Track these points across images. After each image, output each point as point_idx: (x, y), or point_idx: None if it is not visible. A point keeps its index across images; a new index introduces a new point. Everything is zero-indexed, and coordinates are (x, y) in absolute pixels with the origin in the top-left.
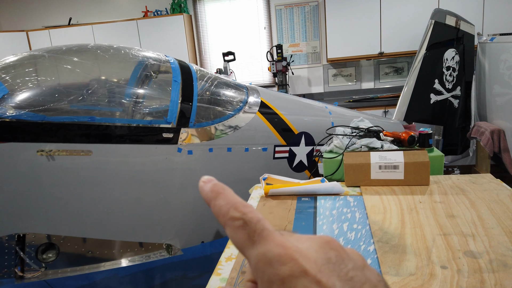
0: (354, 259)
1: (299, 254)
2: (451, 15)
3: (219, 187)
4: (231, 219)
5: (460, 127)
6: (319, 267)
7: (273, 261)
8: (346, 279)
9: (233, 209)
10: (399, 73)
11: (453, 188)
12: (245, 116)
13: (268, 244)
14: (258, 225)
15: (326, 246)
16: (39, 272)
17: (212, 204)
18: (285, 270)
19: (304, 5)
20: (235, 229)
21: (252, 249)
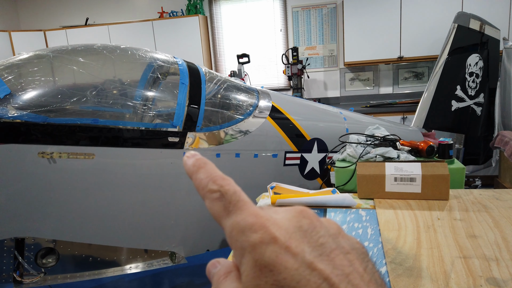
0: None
1: (270, 222)
2: (475, 19)
3: (201, 161)
4: (209, 191)
5: (483, 136)
6: (290, 234)
7: (245, 229)
8: (316, 245)
9: (212, 182)
10: (419, 78)
11: (475, 204)
12: (255, 121)
13: (242, 213)
14: (233, 197)
15: (299, 215)
16: (38, 278)
17: (194, 177)
18: (255, 237)
19: (322, 7)
20: (212, 201)
21: (227, 219)
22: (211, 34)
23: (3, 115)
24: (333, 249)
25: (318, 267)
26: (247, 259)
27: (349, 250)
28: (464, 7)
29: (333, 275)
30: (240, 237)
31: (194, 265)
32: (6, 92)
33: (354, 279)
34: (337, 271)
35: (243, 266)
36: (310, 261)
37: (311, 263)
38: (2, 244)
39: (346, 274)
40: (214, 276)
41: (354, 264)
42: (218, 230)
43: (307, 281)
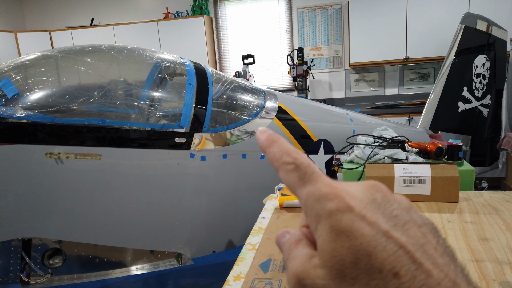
0: (400, 201)
1: (345, 193)
2: (482, 20)
3: (274, 136)
4: (284, 163)
5: (489, 137)
6: (364, 204)
7: (321, 198)
8: (391, 217)
9: (286, 155)
10: (424, 80)
11: (486, 206)
12: (262, 122)
13: (317, 184)
14: (308, 168)
15: (372, 188)
16: (44, 278)
17: (267, 151)
18: (331, 206)
19: (327, 8)
20: (287, 172)
21: (302, 189)
22: (216, 35)
23: (11, 115)
24: (406, 221)
25: (393, 236)
26: (323, 225)
27: (422, 224)
28: (470, 8)
29: (408, 243)
30: (316, 205)
31: (199, 266)
32: (14, 93)
33: (428, 249)
34: (412, 240)
35: (319, 232)
36: (385, 229)
37: (387, 231)
38: (10, 245)
39: (420, 244)
40: (285, 244)
41: (427, 237)
42: (224, 231)
43: (383, 247)
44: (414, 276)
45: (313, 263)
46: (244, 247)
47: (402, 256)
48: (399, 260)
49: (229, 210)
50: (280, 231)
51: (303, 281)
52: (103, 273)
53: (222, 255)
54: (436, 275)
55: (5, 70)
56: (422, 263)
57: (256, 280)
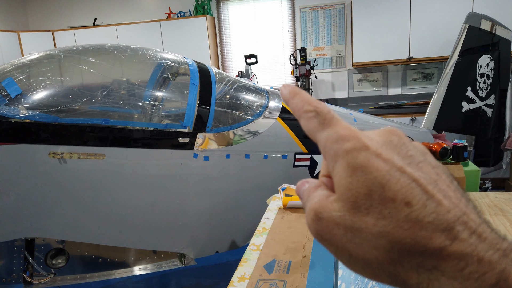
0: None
1: (362, 134)
2: (486, 19)
3: (296, 89)
4: (305, 111)
5: (493, 137)
6: (380, 145)
7: (339, 139)
8: (405, 156)
9: (307, 104)
10: (428, 79)
11: (491, 207)
12: (265, 122)
13: (336, 127)
14: (328, 115)
15: (389, 132)
16: (47, 278)
17: (290, 102)
18: (349, 145)
19: (330, 7)
20: (308, 119)
21: (322, 132)
22: (218, 35)
23: (14, 115)
24: (421, 161)
25: (407, 171)
26: (340, 163)
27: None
28: (474, 8)
29: (422, 178)
30: (334, 146)
31: (202, 266)
32: (17, 92)
33: (441, 184)
34: (426, 176)
35: (336, 170)
36: (400, 165)
37: (401, 167)
38: (13, 245)
39: (434, 180)
40: (305, 191)
41: (441, 176)
42: (228, 232)
43: (397, 180)
44: (425, 204)
45: (330, 199)
46: (248, 247)
47: (414, 188)
48: (411, 191)
49: (232, 210)
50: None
51: (320, 214)
52: (106, 273)
53: (225, 256)
54: (447, 205)
55: (8, 69)
56: (434, 194)
57: (261, 281)
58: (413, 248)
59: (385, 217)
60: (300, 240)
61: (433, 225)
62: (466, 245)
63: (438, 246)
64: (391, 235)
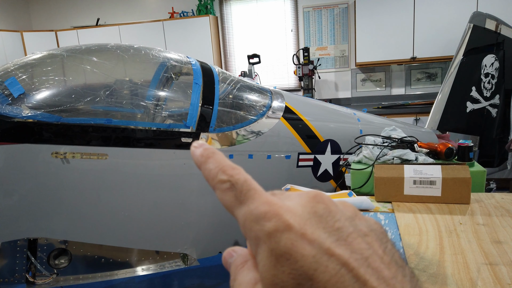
0: (343, 210)
1: (284, 209)
2: (491, 19)
3: (209, 151)
4: (219, 182)
5: (498, 138)
6: (305, 220)
7: (259, 218)
8: (333, 230)
9: (221, 172)
10: (432, 79)
11: (498, 208)
12: (268, 122)
13: (254, 202)
14: (244, 186)
15: (313, 200)
16: (50, 278)
17: (202, 168)
18: (269, 226)
19: (333, 7)
20: (223, 192)
21: (239, 209)
22: (221, 35)
23: (17, 114)
24: (350, 233)
25: (336, 253)
26: (263, 248)
27: (367, 232)
28: (479, 7)
29: (352, 259)
30: (254, 227)
31: (205, 267)
32: (20, 92)
33: (373, 262)
34: (356, 255)
35: (259, 256)
36: (327, 247)
37: (328, 248)
38: (15, 245)
39: (365, 257)
40: (232, 266)
41: (373, 247)
42: (231, 232)
43: (325, 267)
44: None
45: None
46: None
47: (345, 276)
48: (342, 280)
49: None
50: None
51: None
52: (109, 274)
53: None
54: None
55: (11, 69)
56: (367, 280)
57: None
58: None
59: None
60: None
61: None
62: None
63: None
64: None
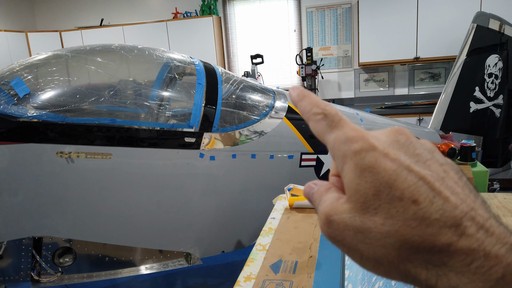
0: (424, 143)
1: (370, 135)
2: (495, 19)
3: (305, 92)
4: (314, 114)
5: (501, 138)
6: (388, 144)
7: (347, 140)
8: (413, 155)
9: (316, 107)
10: (435, 79)
11: (500, 208)
12: (271, 122)
13: (343, 129)
14: (336, 116)
15: (396, 132)
16: (55, 277)
17: (298, 104)
18: (356, 146)
19: (337, 7)
20: (317, 122)
21: (330, 134)
22: (224, 35)
23: (23, 114)
24: (428, 159)
25: (414, 169)
26: (349, 164)
27: (444, 163)
28: (482, 7)
29: (429, 176)
30: (342, 147)
31: (208, 266)
32: (25, 92)
33: (449, 181)
34: (433, 173)
35: (345, 171)
36: (407, 164)
37: (408, 165)
38: (21, 243)
39: (441, 177)
40: (315, 194)
41: (449, 173)
42: (233, 231)
43: (404, 178)
44: (432, 202)
45: (340, 201)
46: (254, 247)
47: (421, 186)
48: (418, 189)
49: (238, 210)
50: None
51: (331, 217)
52: (113, 272)
53: (231, 255)
54: (454, 201)
55: (16, 69)
56: (441, 191)
57: (267, 281)
58: (421, 245)
59: (393, 216)
60: (307, 240)
61: (440, 222)
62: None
63: (445, 243)
64: (399, 233)
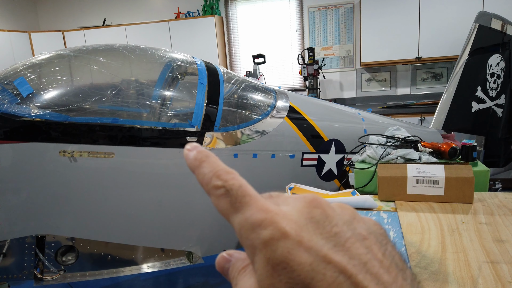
0: (341, 214)
1: (280, 216)
2: (497, 19)
3: (203, 154)
4: (213, 187)
5: (504, 138)
6: (301, 227)
7: (255, 226)
8: (330, 236)
9: (216, 177)
10: (437, 79)
11: (500, 208)
12: (273, 121)
13: (249, 210)
14: (239, 192)
15: (309, 205)
16: (57, 275)
17: (196, 172)
18: (266, 234)
19: (339, 7)
20: (218, 198)
21: (235, 216)
22: (226, 35)
23: (26, 113)
24: (348, 238)
25: (333, 260)
26: (259, 257)
27: (366, 236)
28: (485, 7)
29: (350, 265)
30: (250, 235)
31: (209, 265)
32: (29, 91)
33: (372, 267)
34: (354, 261)
35: (256, 265)
36: (324, 253)
37: (325, 255)
38: (24, 241)
39: (363, 263)
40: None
41: (372, 250)
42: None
43: (322, 275)
44: None
45: None
46: None
47: (343, 283)
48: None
49: None
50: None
51: None
52: (115, 271)
53: None
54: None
55: (20, 69)
56: (366, 286)
57: None
58: None
59: None
60: None
61: None
62: None
63: None
64: None
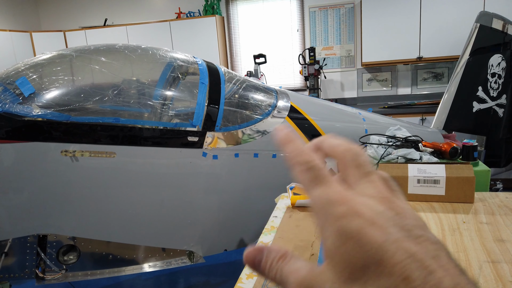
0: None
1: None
2: (498, 19)
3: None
4: (298, 163)
5: (505, 138)
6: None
7: (331, 202)
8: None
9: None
10: (438, 79)
11: (501, 207)
12: (274, 121)
13: (328, 188)
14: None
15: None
16: (59, 274)
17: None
18: (340, 210)
19: (339, 7)
20: (300, 172)
21: (313, 190)
22: (227, 34)
23: (28, 113)
24: (420, 235)
25: (404, 245)
26: (332, 227)
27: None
28: (486, 7)
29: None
30: (325, 207)
31: (211, 264)
32: (30, 91)
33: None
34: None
35: (327, 233)
36: (396, 238)
37: (397, 239)
38: (25, 241)
39: (433, 255)
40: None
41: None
42: (236, 230)
43: (392, 254)
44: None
45: (319, 269)
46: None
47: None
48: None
49: (241, 209)
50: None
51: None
52: (116, 270)
53: (233, 254)
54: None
55: (21, 69)
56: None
57: None
58: None
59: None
60: (308, 238)
61: None
62: None
63: None
64: None
